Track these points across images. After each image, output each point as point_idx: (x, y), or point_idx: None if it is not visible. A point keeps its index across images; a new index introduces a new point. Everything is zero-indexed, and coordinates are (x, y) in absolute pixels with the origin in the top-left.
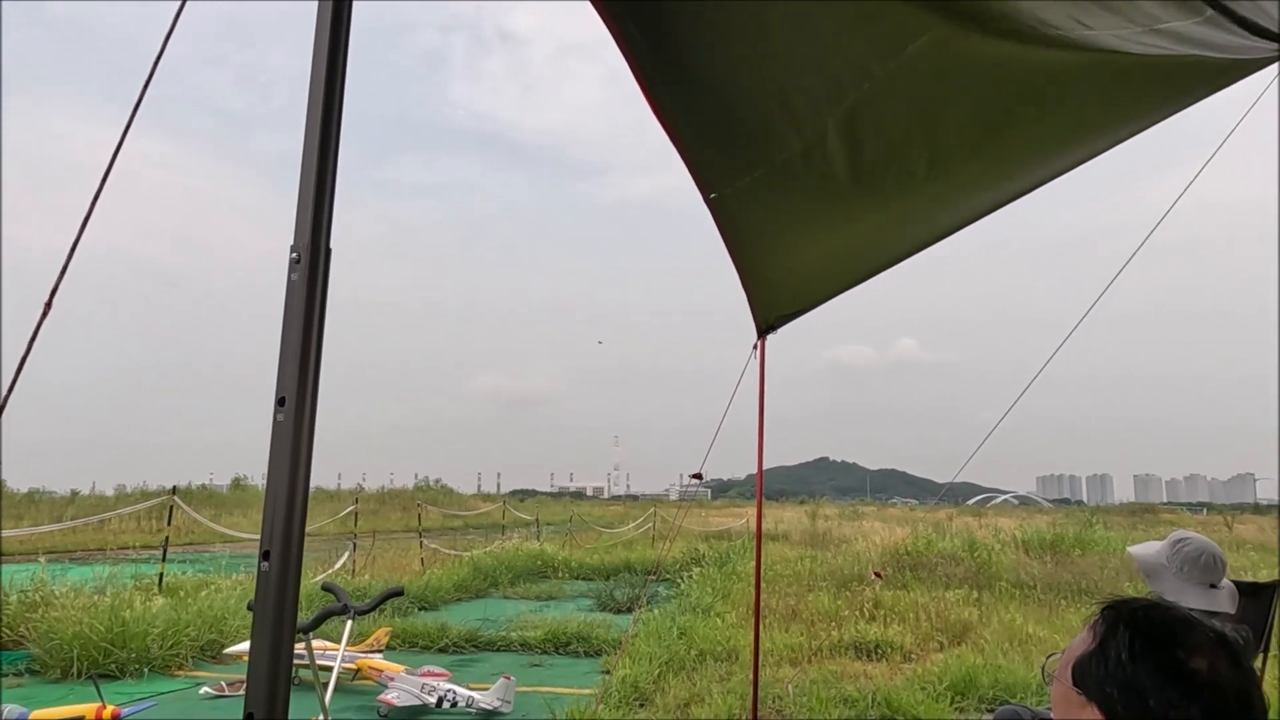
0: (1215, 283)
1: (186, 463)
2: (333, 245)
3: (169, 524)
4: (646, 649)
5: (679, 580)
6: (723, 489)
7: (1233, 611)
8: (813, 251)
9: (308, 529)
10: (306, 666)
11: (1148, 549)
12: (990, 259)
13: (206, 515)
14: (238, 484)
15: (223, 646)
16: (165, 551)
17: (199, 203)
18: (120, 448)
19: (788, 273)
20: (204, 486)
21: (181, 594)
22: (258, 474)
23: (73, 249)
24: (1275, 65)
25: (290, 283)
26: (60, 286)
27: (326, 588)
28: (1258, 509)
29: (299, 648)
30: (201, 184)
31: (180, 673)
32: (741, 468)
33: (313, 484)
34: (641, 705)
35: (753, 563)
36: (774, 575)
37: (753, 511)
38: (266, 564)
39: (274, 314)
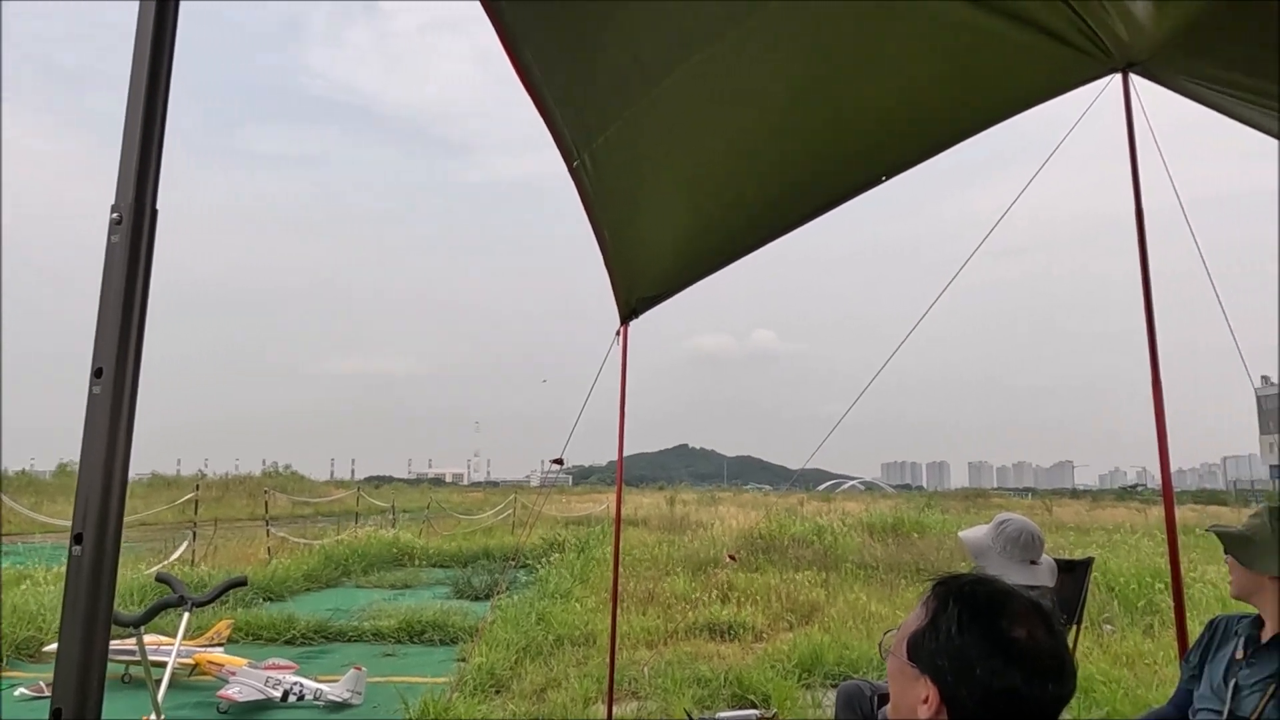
0: (1045, 286)
1: (4, 446)
2: (164, 210)
3: None
4: (504, 635)
5: (539, 566)
6: (584, 475)
7: (1052, 585)
8: (674, 226)
9: (143, 517)
10: (138, 662)
11: (975, 532)
12: (840, 256)
13: (26, 503)
14: (63, 469)
15: (42, 644)
16: None
17: (25, 163)
18: None
19: (649, 249)
20: (24, 472)
21: None
22: None
23: None
24: (1113, 77)
25: (110, 244)
26: None
27: (161, 579)
28: (1075, 494)
29: (130, 643)
30: (30, 142)
31: None
32: (603, 454)
33: (150, 470)
34: (498, 692)
35: (611, 548)
36: (633, 560)
37: (613, 497)
38: (79, 548)
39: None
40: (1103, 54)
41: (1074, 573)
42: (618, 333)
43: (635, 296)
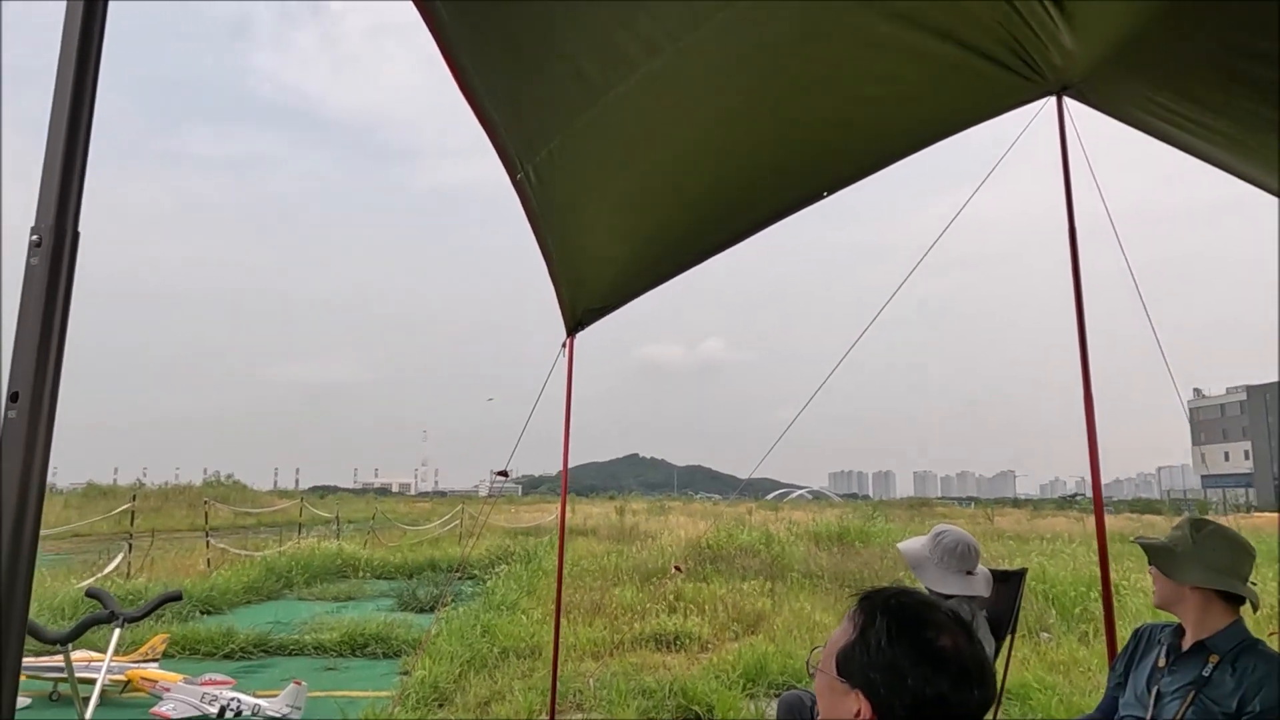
0: (985, 297)
1: None
2: (105, 210)
3: None
4: (448, 648)
5: (486, 577)
6: (534, 485)
7: (987, 595)
8: (619, 240)
9: (76, 528)
10: (65, 680)
11: (913, 544)
12: (789, 266)
13: None
14: None
15: None
16: None
17: None
18: None
19: (595, 262)
20: None
21: None
22: None
23: None
24: (1048, 100)
25: (29, 267)
26: None
27: (91, 594)
28: (1016, 503)
29: (55, 659)
30: None
31: None
32: (553, 464)
33: (86, 479)
34: (441, 705)
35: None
36: (580, 570)
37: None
38: None
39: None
40: (1039, 77)
41: (1009, 583)
42: (564, 345)
43: (581, 308)
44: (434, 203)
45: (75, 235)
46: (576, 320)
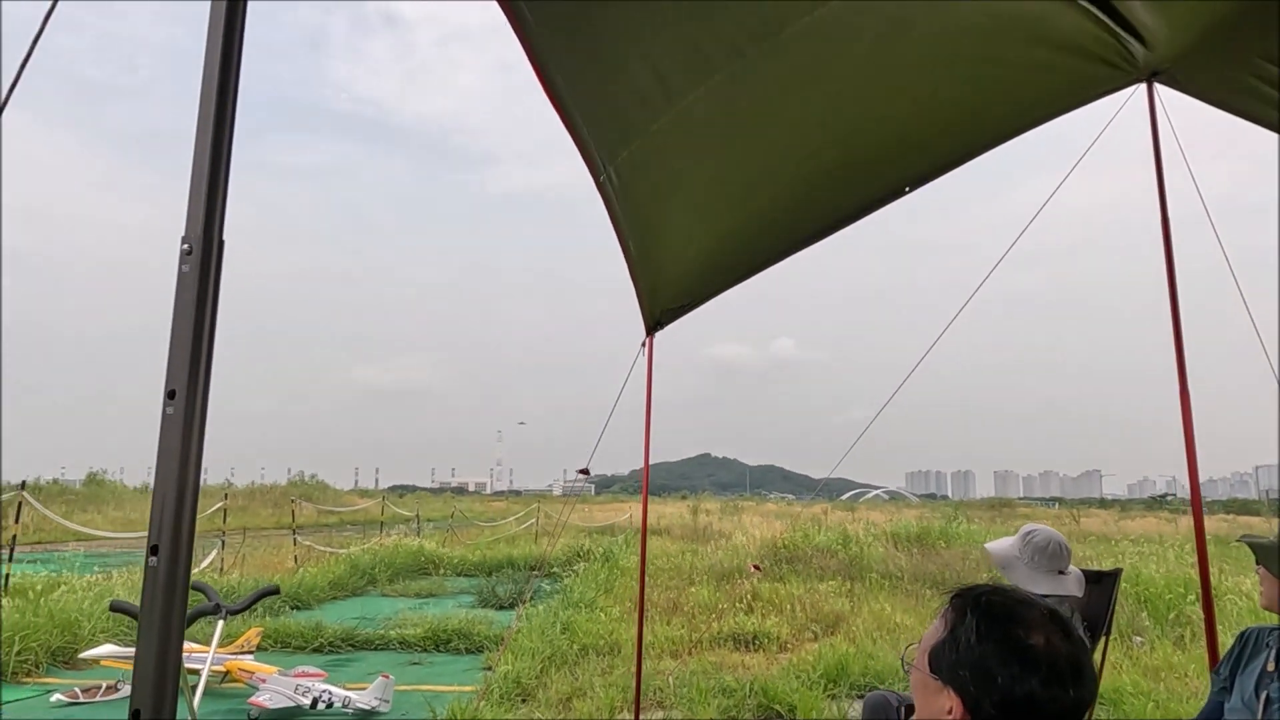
0: (1067, 291)
1: (34, 455)
2: (168, 231)
3: (16, 522)
4: (529, 644)
5: (563, 575)
6: (606, 484)
7: (1080, 595)
8: (698, 240)
9: None
10: None
11: (1001, 544)
12: (858, 264)
13: (58, 512)
14: (93, 479)
15: (76, 651)
16: (13, 551)
17: (50, 178)
18: None
19: (674, 263)
20: (55, 481)
21: (31, 595)
22: (115, 468)
23: None
24: (1139, 87)
25: (181, 274)
26: None
27: (196, 587)
28: (1103, 503)
29: None
30: (53, 158)
31: (30, 679)
32: (625, 463)
33: None
34: (523, 701)
35: (636, 557)
36: (656, 569)
37: (636, 506)
38: (155, 559)
39: (130, 298)
40: (1128, 65)
41: (1102, 584)
42: (643, 344)
43: (660, 308)
44: (506, 207)
45: (221, 243)
46: (655, 320)
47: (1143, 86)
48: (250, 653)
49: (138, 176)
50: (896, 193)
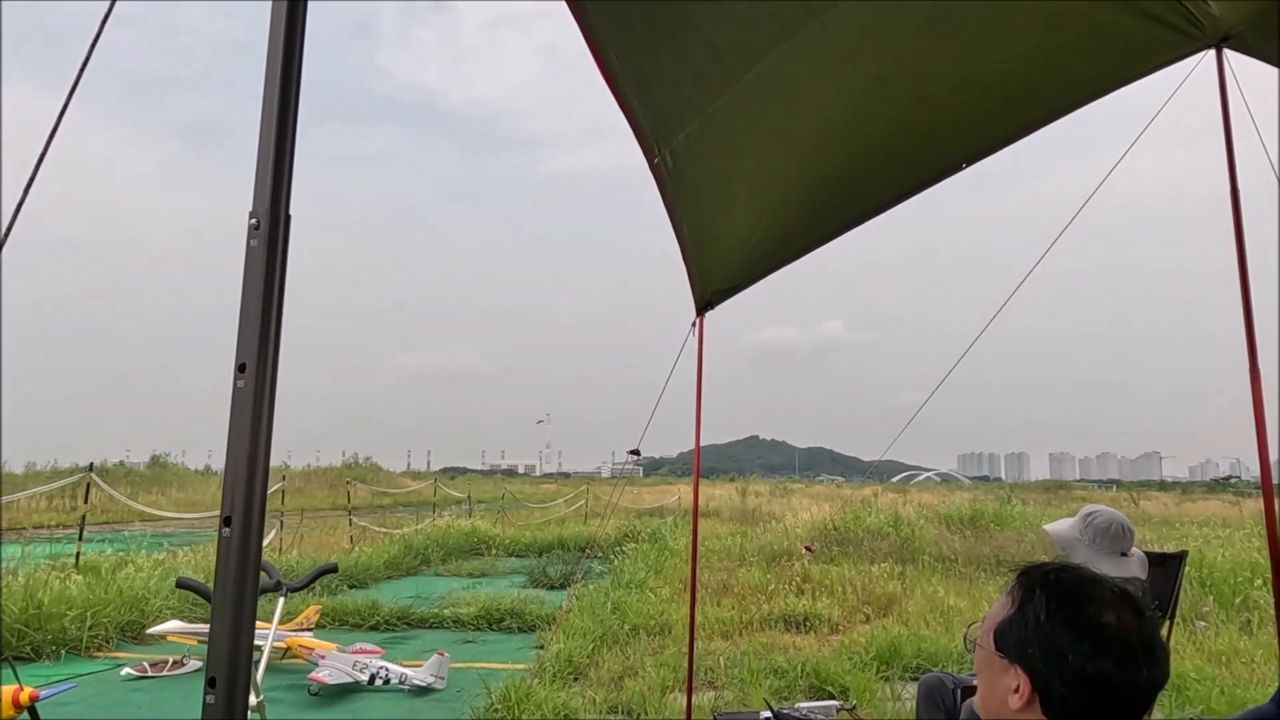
0: (1125, 268)
1: (100, 439)
2: (225, 221)
3: (85, 502)
4: (580, 624)
5: (612, 556)
6: (654, 467)
7: (1143, 578)
8: (751, 220)
9: None
10: None
11: (1061, 525)
12: (908, 242)
13: (123, 494)
14: (156, 461)
15: (144, 626)
16: (82, 530)
17: (108, 170)
18: (26, 424)
19: (727, 243)
20: (121, 464)
21: (100, 573)
22: (178, 450)
23: (15, 215)
24: (1207, 53)
25: (250, 249)
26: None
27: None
28: (1163, 486)
29: None
30: (111, 151)
31: (100, 654)
32: (673, 446)
33: None
34: (576, 679)
35: (684, 539)
36: (706, 551)
37: (684, 489)
38: (228, 530)
39: (187, 286)
40: (1196, 29)
41: (1166, 566)
42: (693, 324)
43: (711, 289)
44: (552, 190)
45: (288, 217)
46: (706, 300)
47: (1211, 52)
48: (309, 630)
49: (193, 165)
50: (953, 168)
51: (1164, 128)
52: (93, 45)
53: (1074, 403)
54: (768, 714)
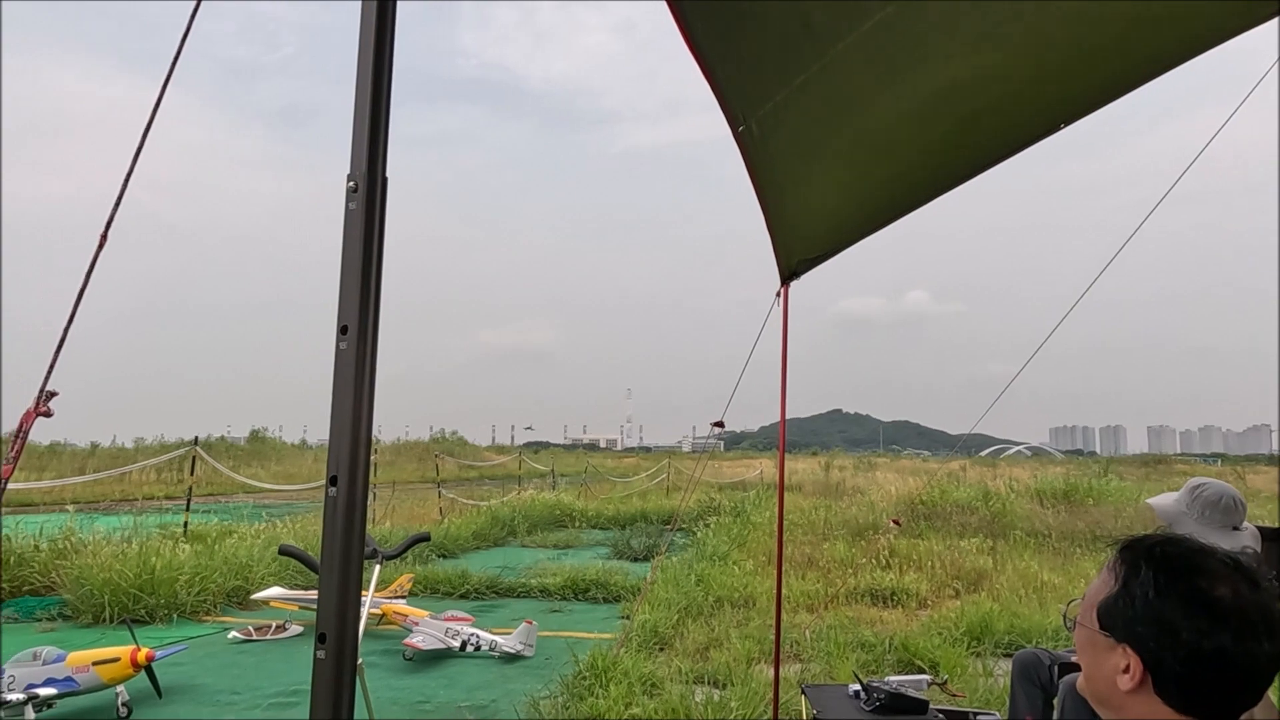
0: (1236, 233)
1: (201, 414)
2: (309, 201)
3: (191, 474)
4: (665, 595)
5: (695, 530)
6: (735, 441)
7: (1258, 550)
8: (839, 189)
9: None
10: None
11: (1166, 499)
12: (1000, 209)
13: (225, 467)
14: (255, 436)
15: (249, 592)
16: (189, 501)
17: (200, 154)
18: (132, 400)
19: (812, 212)
20: (222, 438)
21: (207, 542)
22: (275, 425)
23: (121, 193)
24: None
25: (349, 211)
26: (113, 220)
27: None
28: (1271, 460)
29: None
30: (203, 135)
31: (208, 618)
32: (754, 419)
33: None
34: (661, 649)
35: (767, 512)
36: (790, 524)
37: (765, 462)
38: (334, 489)
39: (279, 268)
40: None
41: None
42: (778, 294)
43: (796, 259)
44: (628, 165)
45: (385, 180)
46: (792, 270)
47: None
48: (403, 597)
49: (281, 150)
50: (1051, 129)
51: (1248, 89)
52: (184, 36)
53: (1175, 375)
54: (856, 686)
